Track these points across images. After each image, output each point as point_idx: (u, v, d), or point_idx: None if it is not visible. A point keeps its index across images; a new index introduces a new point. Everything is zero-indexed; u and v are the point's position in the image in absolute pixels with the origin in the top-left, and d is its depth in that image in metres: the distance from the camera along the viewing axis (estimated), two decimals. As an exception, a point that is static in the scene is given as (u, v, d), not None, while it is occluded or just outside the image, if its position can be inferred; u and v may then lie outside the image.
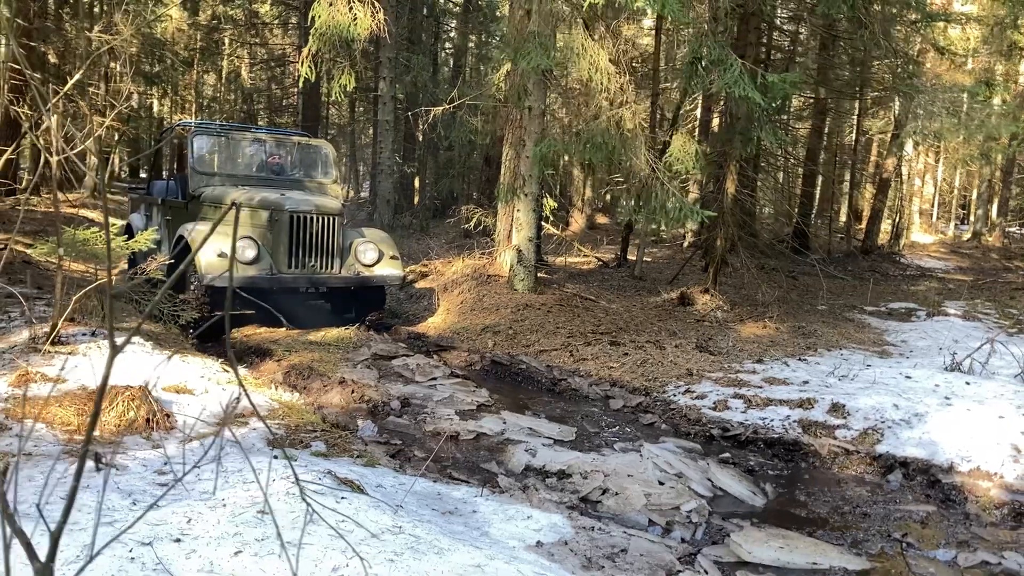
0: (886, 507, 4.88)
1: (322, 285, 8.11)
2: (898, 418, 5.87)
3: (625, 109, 7.39)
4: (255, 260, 7.62)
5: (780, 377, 6.87)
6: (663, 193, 7.21)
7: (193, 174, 8.55)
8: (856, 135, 21.53)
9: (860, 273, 15.56)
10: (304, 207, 7.92)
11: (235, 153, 9.07)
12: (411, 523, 3.50)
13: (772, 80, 6.83)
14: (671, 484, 4.79)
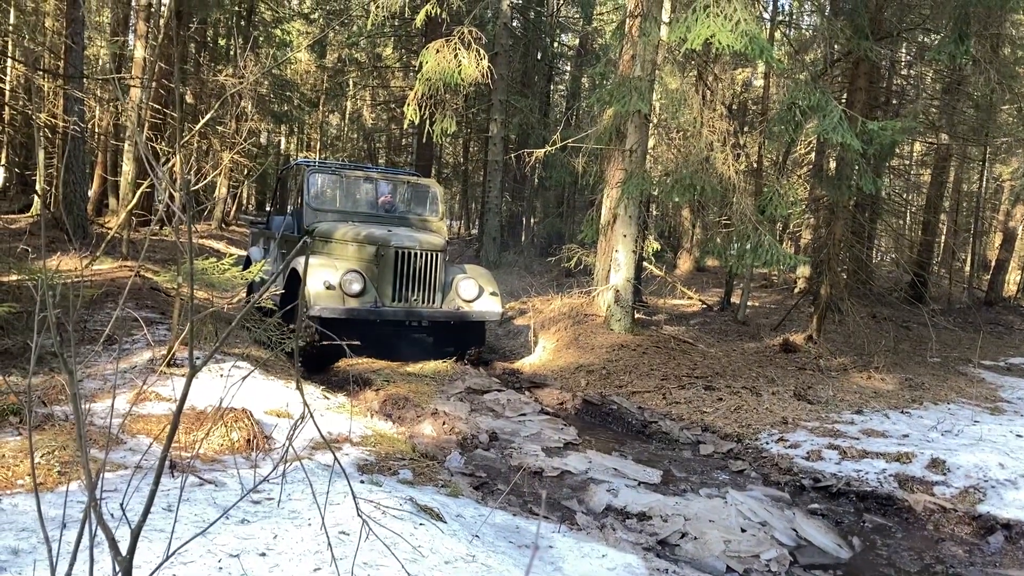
0: (983, 570, 4.68)
1: (423, 319, 8.37)
2: (1003, 478, 5.61)
3: (718, 152, 7.39)
4: (361, 293, 7.91)
5: (879, 429, 6.67)
6: (755, 236, 7.15)
7: (308, 210, 8.98)
8: (982, 182, 20.68)
9: (981, 326, 14.85)
10: (408, 243, 8.24)
11: (348, 191, 9.47)
12: (485, 553, 3.60)
13: (873, 127, 6.72)
14: (753, 532, 4.73)
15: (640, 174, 8.70)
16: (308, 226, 8.85)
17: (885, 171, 16.41)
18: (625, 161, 9.00)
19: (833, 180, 10.47)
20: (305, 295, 7.34)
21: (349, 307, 7.81)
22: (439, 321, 8.52)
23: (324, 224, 8.81)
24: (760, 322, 12.78)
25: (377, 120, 30.57)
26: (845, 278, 13.12)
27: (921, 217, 19.06)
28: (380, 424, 5.95)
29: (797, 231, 21.44)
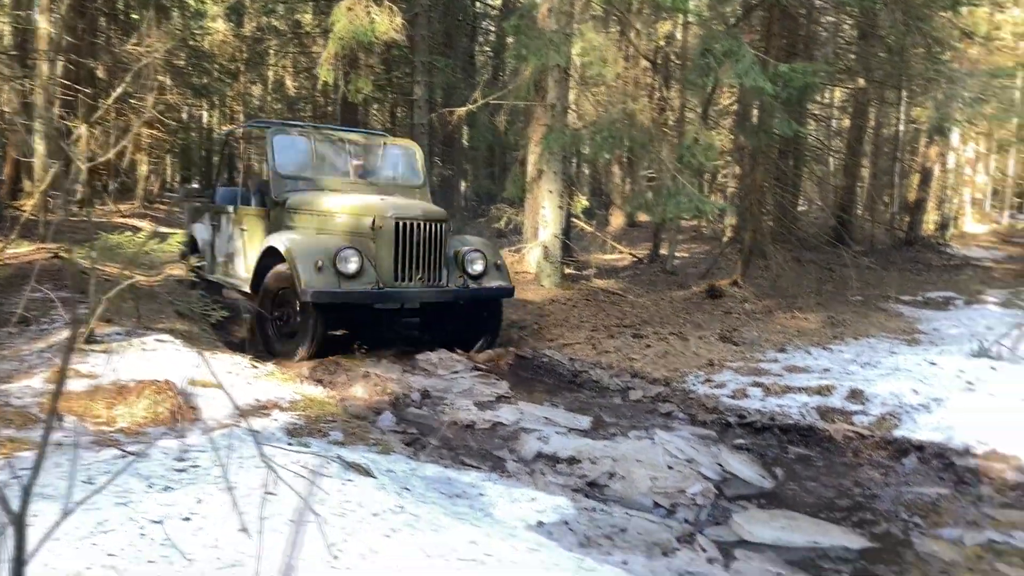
0: (897, 490, 4.89)
1: (430, 300, 7.34)
2: (917, 403, 5.86)
3: (640, 104, 7.46)
4: (358, 273, 6.85)
5: (801, 365, 6.89)
6: (675, 185, 7.26)
7: (276, 179, 7.82)
8: (900, 126, 21.21)
9: (902, 264, 15.34)
10: (410, 213, 7.15)
11: (319, 155, 8.25)
12: (414, 503, 3.64)
13: (784, 70, 6.85)
14: (679, 469, 4.86)
15: (561, 128, 8.73)
16: (277, 197, 7.75)
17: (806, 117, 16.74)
18: (547, 116, 9.01)
19: (753, 127, 10.66)
20: (296, 278, 6.68)
21: (347, 290, 6.78)
22: (445, 303, 7.50)
23: (298, 195, 7.71)
24: (689, 271, 13.01)
25: (300, 89, 29.94)
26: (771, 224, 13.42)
27: (843, 162, 19.51)
28: (310, 389, 5.93)
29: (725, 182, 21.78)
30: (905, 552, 4.04)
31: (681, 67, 13.27)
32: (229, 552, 2.98)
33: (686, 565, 3.58)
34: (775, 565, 3.69)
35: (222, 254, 8.75)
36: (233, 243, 8.42)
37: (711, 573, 3.54)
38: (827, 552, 3.93)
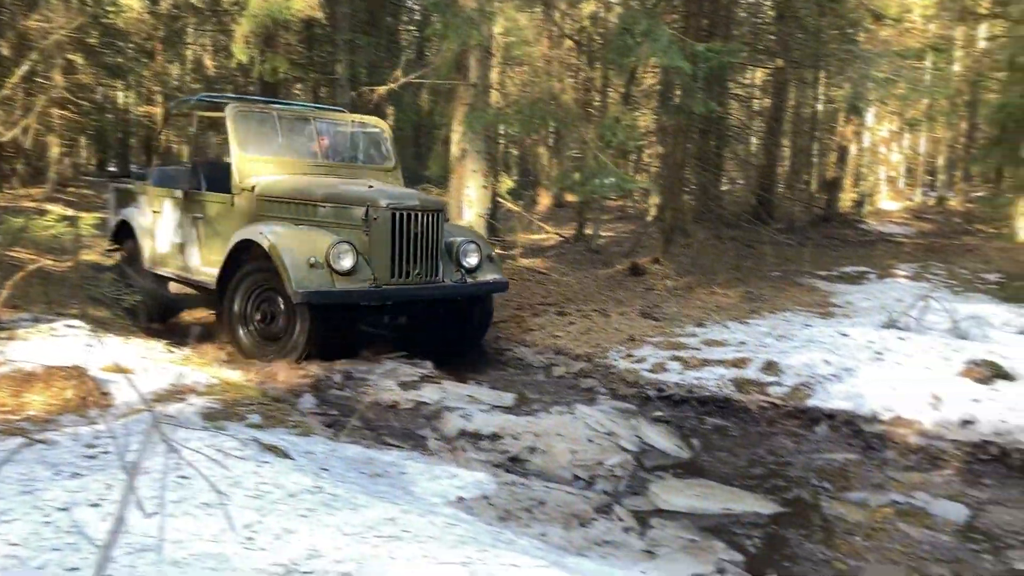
0: (808, 457, 5.07)
1: (428, 298, 6.77)
2: (829, 373, 6.05)
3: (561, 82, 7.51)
4: (353, 270, 6.20)
5: (719, 339, 7.05)
6: (599, 164, 7.34)
7: (240, 162, 7.05)
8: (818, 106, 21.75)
9: (819, 240, 15.79)
10: (408, 202, 6.49)
11: (284, 135, 7.46)
12: (332, 484, 3.62)
13: (701, 50, 6.98)
14: (599, 441, 4.94)
15: (484, 108, 8.72)
16: (244, 182, 6.95)
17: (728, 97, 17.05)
18: (469, 95, 9.00)
19: (674, 107, 10.82)
20: (284, 276, 6.00)
21: (343, 289, 6.13)
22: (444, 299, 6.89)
23: (268, 180, 6.93)
24: (613, 250, 13.18)
25: (220, 68, 29.18)
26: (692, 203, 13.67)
27: (764, 141, 19.93)
28: (228, 373, 5.83)
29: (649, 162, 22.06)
30: (814, 515, 4.20)
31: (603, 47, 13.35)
32: (139, 537, 2.92)
33: (603, 535, 3.66)
34: (689, 532, 3.80)
35: (168, 244, 7.78)
36: (184, 232, 7.54)
37: (627, 542, 3.62)
38: (740, 518, 4.06)
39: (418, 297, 6.66)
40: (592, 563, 3.25)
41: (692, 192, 13.06)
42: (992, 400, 5.34)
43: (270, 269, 6.23)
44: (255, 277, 6.48)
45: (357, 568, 2.63)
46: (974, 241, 15.97)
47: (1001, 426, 5.09)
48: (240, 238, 6.54)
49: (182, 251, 7.58)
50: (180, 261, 7.62)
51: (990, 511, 4.30)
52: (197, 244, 7.42)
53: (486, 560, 2.79)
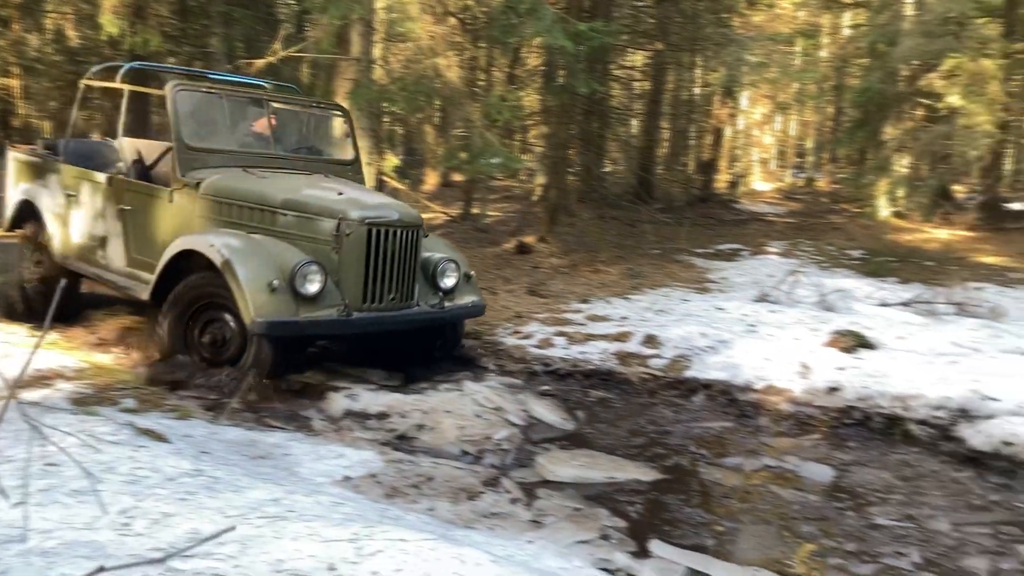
0: (687, 425, 5.26)
1: (403, 327, 5.85)
2: (705, 345, 6.29)
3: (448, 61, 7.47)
4: (319, 295, 5.22)
5: (602, 314, 7.21)
6: (485, 143, 7.36)
7: (181, 150, 5.87)
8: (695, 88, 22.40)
9: (697, 220, 16.30)
10: (386, 216, 5.48)
11: (232, 120, 6.33)
12: (213, 466, 3.53)
13: (584, 29, 7.08)
14: (486, 417, 4.98)
15: (368, 84, 8.58)
16: (184, 175, 5.81)
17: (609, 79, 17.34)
18: (352, 71, 8.84)
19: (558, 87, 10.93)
20: (241, 301, 5.06)
21: (308, 318, 5.17)
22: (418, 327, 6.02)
23: (217, 177, 5.78)
24: (500, 229, 13.24)
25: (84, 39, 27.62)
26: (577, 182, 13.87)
27: (644, 123, 20.40)
28: (100, 357, 5.59)
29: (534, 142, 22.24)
30: (692, 481, 4.36)
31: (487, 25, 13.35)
32: (4, 529, 2.77)
33: (490, 507, 3.70)
34: (574, 501, 3.89)
35: (85, 235, 6.63)
36: (106, 225, 6.42)
37: (514, 513, 3.68)
38: (623, 486, 4.18)
39: (393, 327, 5.76)
40: (480, 535, 3.29)
41: (576, 172, 13.24)
42: (856, 368, 5.67)
43: (220, 285, 5.23)
44: (200, 292, 5.42)
45: (241, 549, 2.58)
46: (840, 219, 16.82)
47: (863, 392, 5.41)
48: (184, 247, 5.47)
49: (103, 247, 6.44)
50: (100, 258, 6.47)
51: (854, 472, 4.57)
52: (122, 241, 6.29)
53: (373, 536, 2.78)
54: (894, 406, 5.24)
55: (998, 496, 4.28)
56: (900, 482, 4.42)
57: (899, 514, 3.98)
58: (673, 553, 3.36)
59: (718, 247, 12.11)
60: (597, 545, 3.37)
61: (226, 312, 5.33)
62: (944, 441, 4.96)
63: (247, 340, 5.23)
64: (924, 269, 10.59)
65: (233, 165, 6.03)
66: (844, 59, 22.92)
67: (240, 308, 5.08)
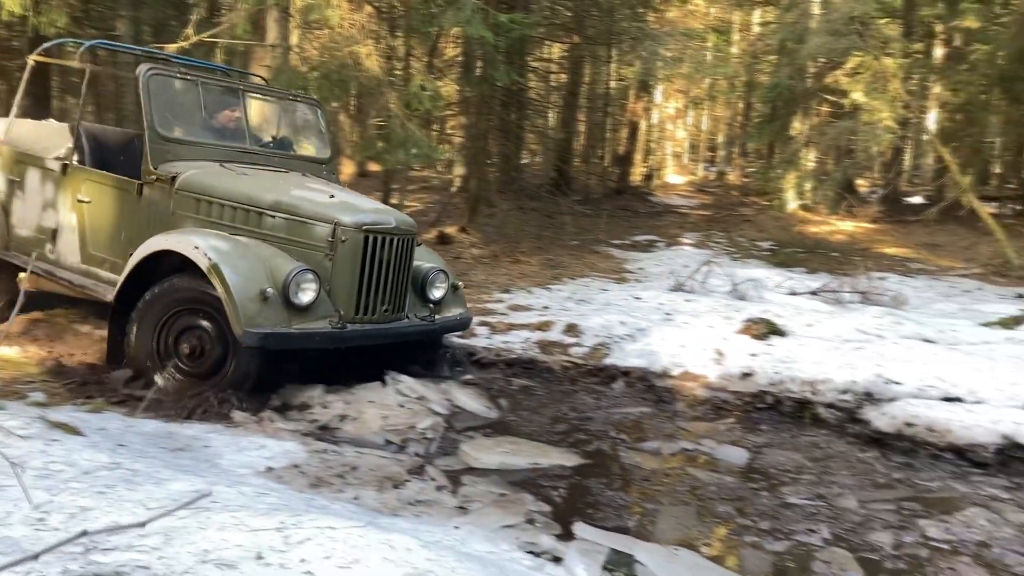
0: (607, 412, 5.37)
1: (395, 340, 5.49)
2: (624, 333, 6.43)
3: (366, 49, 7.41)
4: (312, 305, 4.86)
5: (523, 304, 7.29)
6: (404, 132, 7.34)
7: (154, 140, 5.42)
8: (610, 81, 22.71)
9: (613, 211, 16.57)
10: (383, 223, 5.14)
11: (209, 111, 5.89)
12: (130, 459, 3.44)
13: (504, 20, 7.12)
14: (410, 406, 4.99)
15: (287, 70, 8.44)
16: (157, 168, 5.36)
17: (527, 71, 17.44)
18: (268, 57, 8.67)
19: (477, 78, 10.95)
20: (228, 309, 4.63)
21: (301, 330, 4.79)
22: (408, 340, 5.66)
23: (195, 171, 5.36)
24: (420, 220, 13.12)
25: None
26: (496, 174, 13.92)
27: (562, 115, 20.59)
28: (5, 350, 5.37)
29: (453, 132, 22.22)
30: (613, 465, 4.46)
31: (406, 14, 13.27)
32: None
33: (416, 495, 3.72)
34: (499, 487, 3.93)
35: (32, 227, 6.12)
36: (59, 217, 5.92)
37: (440, 500, 3.70)
38: (546, 471, 4.25)
39: (385, 340, 5.42)
40: (407, 522, 3.30)
41: (495, 163, 13.31)
42: (767, 354, 5.88)
43: (199, 290, 4.85)
44: (179, 297, 4.98)
45: (165, 540, 2.54)
46: (750, 212, 17.33)
47: (775, 377, 5.62)
48: (160, 247, 5.00)
49: (53, 240, 5.93)
50: (48, 253, 5.94)
51: (766, 453, 4.75)
52: (78, 236, 5.80)
53: (300, 524, 2.77)
54: (804, 390, 5.46)
55: (900, 474, 4.51)
56: (810, 463, 4.61)
57: (810, 493, 4.15)
58: (596, 535, 3.43)
59: (635, 238, 12.35)
60: (523, 529, 3.42)
61: (205, 320, 4.91)
62: (851, 423, 5.20)
63: (228, 351, 4.85)
64: (830, 259, 11.03)
65: (207, 159, 5.60)
66: (754, 56, 23.59)
67: (229, 317, 4.63)
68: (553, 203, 15.23)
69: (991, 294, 9.35)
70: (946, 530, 3.77)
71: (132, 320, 4.96)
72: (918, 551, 3.54)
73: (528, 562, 3.00)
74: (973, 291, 9.41)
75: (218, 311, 4.74)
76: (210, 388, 4.80)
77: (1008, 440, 4.61)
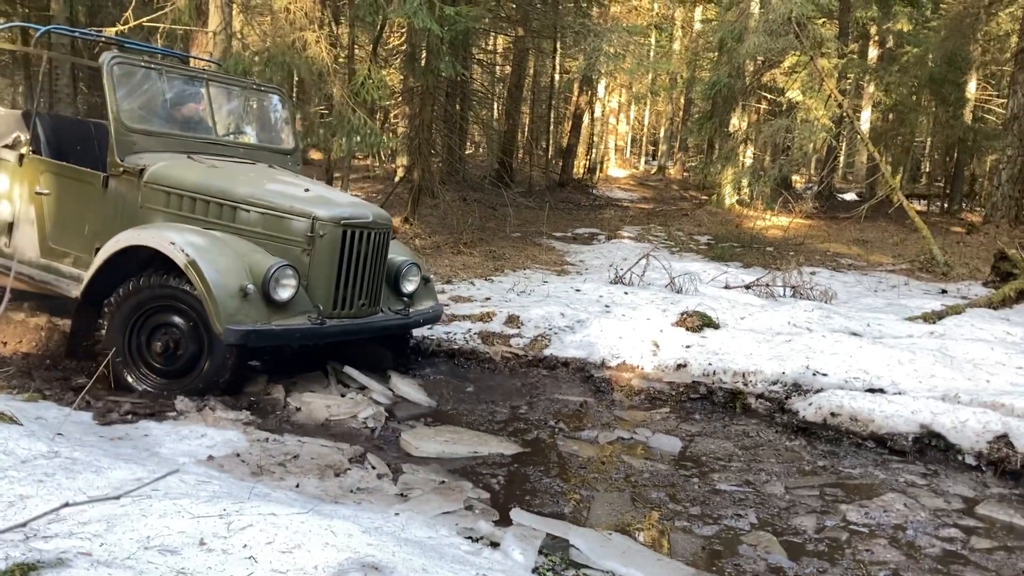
0: (546, 401, 5.48)
1: (370, 335, 5.54)
2: (564, 325, 6.55)
3: (309, 33, 7.38)
4: (292, 300, 4.84)
5: (466, 296, 7.36)
6: (354, 119, 7.34)
7: (120, 131, 5.29)
8: (554, 75, 22.87)
9: (556, 204, 16.73)
10: (360, 216, 5.14)
11: (173, 100, 5.79)
12: (69, 448, 3.43)
13: (450, 13, 7.17)
14: (352, 396, 5.04)
15: (231, 56, 8.36)
16: (124, 160, 5.25)
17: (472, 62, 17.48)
18: (210, 44, 8.57)
19: (421, 68, 10.96)
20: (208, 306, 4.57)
21: (281, 327, 4.75)
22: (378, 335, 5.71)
23: (164, 164, 5.27)
24: (362, 209, 13.18)
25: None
26: (439, 164, 13.95)
27: (505, 107, 20.69)
28: (-65, 338, 5.26)
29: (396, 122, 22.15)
30: (551, 454, 4.57)
31: (350, 3, 13.19)
32: None
33: (357, 483, 3.77)
34: (439, 475, 4.01)
35: None
36: (15, 209, 5.79)
37: (381, 487, 3.77)
38: (486, 459, 4.34)
39: (363, 334, 5.42)
40: (348, 509, 3.35)
41: (439, 154, 13.34)
42: (701, 346, 6.06)
43: (174, 287, 4.76)
44: (154, 294, 4.85)
45: (107, 527, 2.56)
46: (689, 206, 17.68)
47: (708, 368, 5.80)
48: (133, 243, 4.86)
49: (8, 233, 5.81)
50: (5, 247, 5.81)
51: (698, 442, 4.91)
52: (36, 229, 5.66)
53: (243, 511, 2.81)
54: (735, 381, 5.65)
55: (825, 462, 4.71)
56: (740, 451, 4.79)
57: (739, 480, 4.32)
58: (533, 520, 3.53)
59: (576, 231, 12.50)
60: (462, 515, 3.50)
61: (178, 316, 4.84)
62: (779, 413, 5.40)
63: (203, 348, 4.81)
64: (765, 254, 11.33)
65: (173, 150, 5.51)
66: (695, 53, 23.98)
67: (209, 315, 4.58)
68: (496, 195, 15.32)
69: (917, 289, 9.72)
70: (865, 514, 3.95)
71: (104, 316, 4.88)
72: (839, 534, 3.71)
73: (466, 547, 3.09)
74: (900, 286, 9.76)
75: (193, 308, 4.71)
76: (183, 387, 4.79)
77: (925, 429, 4.83)
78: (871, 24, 20.52)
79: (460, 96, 16.20)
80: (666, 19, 25.80)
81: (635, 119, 33.86)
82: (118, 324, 4.84)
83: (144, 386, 4.84)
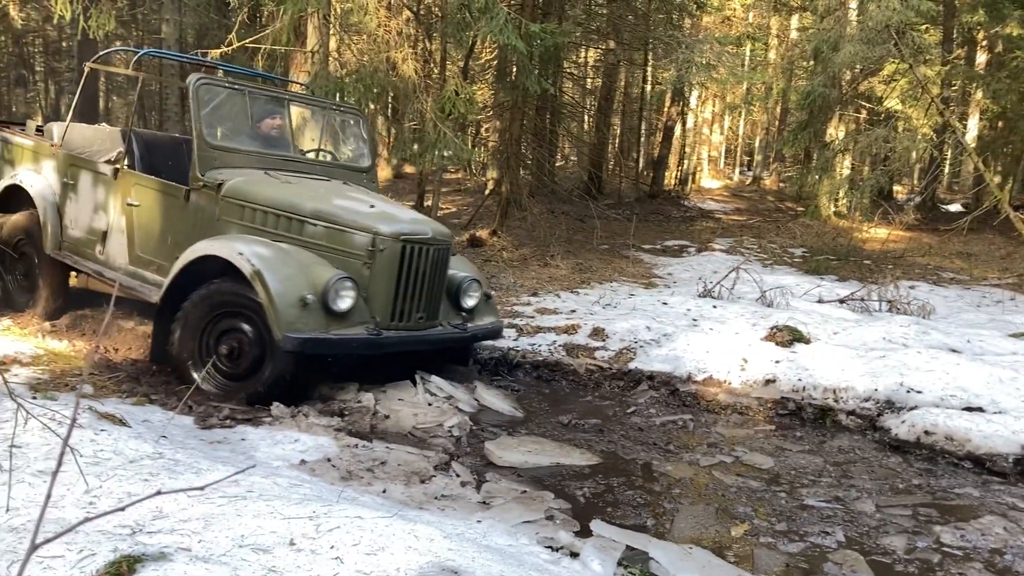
0: (630, 414, 5.49)
1: (428, 348, 5.69)
2: (649, 338, 6.53)
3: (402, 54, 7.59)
4: (350, 311, 5.01)
5: (551, 308, 7.42)
6: (436, 133, 7.51)
7: (202, 148, 5.59)
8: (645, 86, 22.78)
9: (645, 216, 16.64)
10: (420, 232, 5.31)
11: (255, 120, 6.05)
12: (172, 450, 3.64)
13: (535, 29, 7.27)
14: (439, 405, 5.16)
15: (325, 75, 8.66)
16: (206, 176, 5.53)
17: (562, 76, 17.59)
18: (308, 63, 8.90)
19: (511, 83, 11.11)
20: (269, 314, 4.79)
21: (339, 336, 4.94)
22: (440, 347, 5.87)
23: (240, 179, 5.53)
24: (453, 222, 13.38)
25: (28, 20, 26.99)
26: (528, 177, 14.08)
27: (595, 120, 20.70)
28: (54, 343, 5.62)
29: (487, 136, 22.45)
30: (633, 466, 4.58)
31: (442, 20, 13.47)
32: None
33: (441, 490, 3.87)
34: (522, 484, 4.07)
35: (84, 229, 6.30)
36: (109, 220, 6.10)
37: (464, 495, 3.85)
38: (568, 470, 4.38)
39: (419, 346, 5.56)
40: (431, 515, 3.45)
41: (528, 167, 13.47)
42: (791, 361, 5.96)
43: (241, 294, 5.01)
44: (223, 300, 5.13)
45: (205, 525, 2.72)
46: (784, 218, 17.32)
47: (797, 383, 5.70)
48: (204, 252, 5.17)
49: (103, 242, 6.14)
50: (98, 254, 6.14)
51: (788, 457, 4.83)
52: (126, 238, 5.99)
53: (331, 514, 2.93)
54: (826, 397, 5.53)
55: (920, 480, 4.57)
56: (831, 467, 4.69)
57: (828, 496, 4.24)
58: (613, 532, 3.56)
59: (665, 243, 12.42)
60: (542, 525, 3.55)
61: (244, 322, 5.08)
62: (871, 430, 5.27)
63: (265, 354, 5.01)
64: (862, 267, 11.03)
65: (252, 167, 5.77)
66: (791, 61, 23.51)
67: (270, 322, 4.81)
68: (584, 207, 15.35)
69: (1023, 305, 9.31)
70: (961, 536, 3.82)
71: (177, 321, 5.14)
72: (930, 556, 3.60)
73: (545, 556, 3.14)
74: (1005, 302, 9.36)
75: (258, 315, 4.93)
76: (244, 390, 5.00)
77: (1028, 450, 4.65)
78: (978, 29, 19.72)
79: (550, 109, 16.32)
80: (761, 28, 25.38)
81: (729, 129, 33.36)
82: (190, 327, 5.11)
83: (208, 386, 5.09)
